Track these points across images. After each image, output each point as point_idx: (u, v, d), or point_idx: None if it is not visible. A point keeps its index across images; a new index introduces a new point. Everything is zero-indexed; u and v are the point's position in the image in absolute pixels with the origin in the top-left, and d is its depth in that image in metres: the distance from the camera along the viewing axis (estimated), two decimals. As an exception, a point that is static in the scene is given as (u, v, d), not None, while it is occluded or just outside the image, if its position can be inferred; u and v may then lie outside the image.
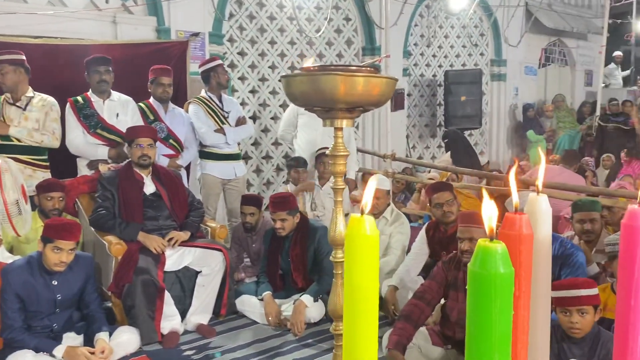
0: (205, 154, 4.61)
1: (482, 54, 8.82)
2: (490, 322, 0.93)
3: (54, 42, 4.53)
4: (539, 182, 1.17)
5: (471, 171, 5.31)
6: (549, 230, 1.20)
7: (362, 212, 1.26)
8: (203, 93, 4.60)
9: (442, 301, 2.88)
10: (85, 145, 3.95)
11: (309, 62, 1.63)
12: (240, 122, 4.67)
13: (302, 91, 1.58)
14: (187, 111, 4.55)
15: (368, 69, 1.56)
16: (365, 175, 5.74)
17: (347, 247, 1.24)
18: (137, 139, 3.52)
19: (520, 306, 1.08)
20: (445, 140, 7.13)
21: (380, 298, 3.57)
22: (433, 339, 2.78)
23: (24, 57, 3.80)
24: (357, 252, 1.20)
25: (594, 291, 2.24)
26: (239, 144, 4.82)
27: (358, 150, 5.96)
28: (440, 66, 8.33)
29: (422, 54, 8.08)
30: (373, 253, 1.23)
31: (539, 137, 8.62)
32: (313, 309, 3.42)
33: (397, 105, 6.98)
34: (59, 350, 2.79)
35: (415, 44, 7.94)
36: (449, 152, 6.93)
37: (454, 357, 2.74)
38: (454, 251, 2.85)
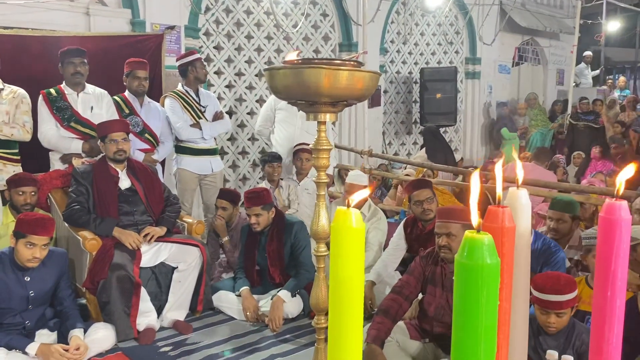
0: (181, 149, 4.55)
1: (457, 52, 8.92)
2: (477, 312, 0.93)
3: (25, 32, 4.41)
4: (519, 177, 1.19)
5: (447, 167, 5.37)
6: (529, 224, 1.22)
7: (348, 205, 1.26)
8: (180, 87, 4.54)
9: (420, 296, 2.91)
10: (58, 139, 3.86)
11: (292, 55, 1.62)
12: (217, 116, 4.62)
13: (285, 84, 1.57)
14: (163, 105, 4.48)
15: (352, 62, 1.56)
16: (342, 171, 5.76)
17: (333, 240, 1.24)
18: (110, 134, 3.45)
19: (502, 298, 1.10)
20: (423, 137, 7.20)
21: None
22: (411, 333, 2.80)
23: (-6, 48, 3.69)
24: (343, 244, 1.20)
25: (574, 294, 2.26)
26: (215, 139, 4.77)
27: (335, 146, 5.96)
28: (416, 63, 8.40)
29: (398, 51, 8.13)
30: (359, 246, 1.23)
31: (513, 134, 8.76)
32: (291, 304, 3.42)
33: (374, 102, 7.01)
34: (32, 348, 2.72)
35: (392, 41, 7.98)
36: (424, 149, 7.00)
37: (431, 350, 2.77)
38: (432, 247, 2.88)
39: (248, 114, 6.54)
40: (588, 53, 11.68)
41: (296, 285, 3.48)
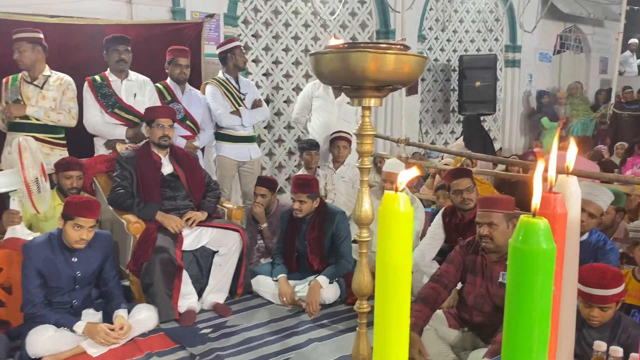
0: (221, 136, 4.62)
1: (496, 40, 8.73)
2: (532, 298, 0.92)
3: (69, 21, 4.53)
4: (570, 164, 1.17)
5: (486, 156, 5.28)
6: (579, 211, 1.20)
7: (397, 190, 1.26)
8: (220, 74, 4.59)
9: (459, 285, 2.89)
10: (102, 125, 3.96)
11: (334, 42, 1.62)
12: (256, 104, 4.67)
13: (331, 69, 1.57)
14: (203, 92, 4.55)
15: (398, 46, 1.55)
16: (378, 159, 5.73)
17: (381, 224, 1.24)
18: (157, 119, 3.52)
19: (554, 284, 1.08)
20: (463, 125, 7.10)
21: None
22: (450, 321, 2.79)
23: (41, 36, 3.79)
24: (390, 228, 1.20)
25: (620, 288, 2.19)
26: (253, 126, 4.82)
27: (371, 134, 5.94)
28: (454, 51, 8.26)
29: (436, 39, 8.01)
30: (407, 230, 1.23)
31: (554, 124, 8.55)
32: (328, 290, 3.44)
33: (411, 89, 6.93)
34: (79, 326, 2.82)
35: (430, 28, 7.87)
36: (461, 138, 6.90)
37: (470, 339, 2.75)
38: (472, 236, 2.85)
39: (285, 102, 6.57)
40: (634, 41, 11.25)
41: (335, 273, 3.50)
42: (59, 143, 3.88)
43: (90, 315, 3.01)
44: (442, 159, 6.20)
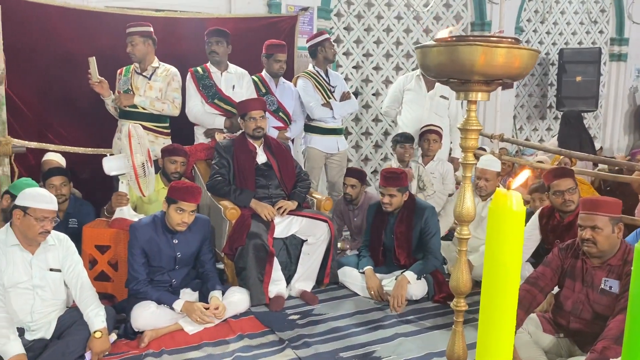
0: (311, 128, 4.70)
1: (601, 32, 8.19)
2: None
3: (173, 15, 4.77)
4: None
5: (587, 156, 4.99)
6: None
7: (509, 188, 1.23)
8: (311, 67, 4.67)
9: (556, 289, 2.76)
10: (203, 114, 4.15)
11: (443, 33, 1.59)
12: (345, 97, 4.71)
13: (438, 62, 1.55)
14: (295, 85, 4.64)
15: (510, 39, 1.50)
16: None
17: (490, 222, 1.22)
18: (250, 112, 3.65)
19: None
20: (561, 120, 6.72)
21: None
22: (544, 326, 2.68)
23: (152, 29, 4.03)
24: (501, 227, 1.18)
25: None
26: (341, 119, 4.86)
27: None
28: (554, 44, 7.85)
29: (535, 31, 7.65)
30: (518, 229, 1.20)
31: (662, 123, 7.92)
32: (415, 286, 3.42)
33: (506, 84, 6.67)
34: (177, 304, 2.99)
35: (529, 20, 7.53)
36: (556, 136, 6.55)
37: (566, 346, 2.63)
38: (572, 239, 2.71)
39: (373, 94, 6.55)
40: None
41: (423, 269, 3.47)
42: (163, 132, 4.12)
43: (188, 295, 3.19)
44: (536, 156, 5.94)
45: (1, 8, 3.26)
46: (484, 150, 5.68)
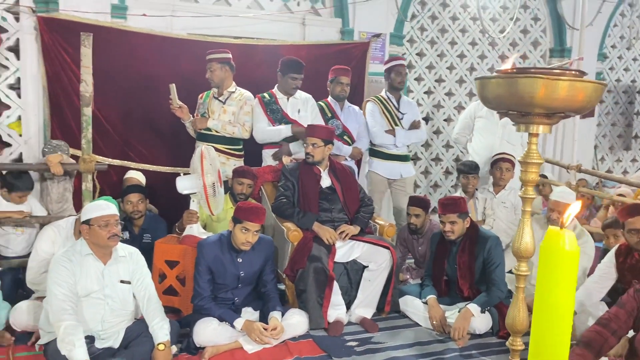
0: (373, 152, 4.74)
1: (694, 58, 7.67)
2: None
3: (250, 42, 4.97)
4: None
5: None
6: None
7: (562, 226, 1.18)
8: (383, 93, 4.71)
9: (631, 333, 2.58)
10: (269, 131, 4.21)
11: (508, 64, 1.57)
12: (414, 125, 4.69)
13: (497, 94, 1.53)
14: (364, 109, 4.68)
15: (573, 72, 1.46)
16: (541, 184, 5.34)
17: (542, 261, 1.18)
18: (306, 137, 3.74)
19: None
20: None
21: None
22: (617, 372, 2.51)
23: (230, 55, 4.22)
24: (553, 267, 1.14)
25: None
26: (408, 146, 4.82)
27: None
28: (641, 71, 7.43)
29: (620, 57, 7.28)
30: (571, 269, 1.16)
31: None
32: (479, 319, 3.30)
33: (587, 113, 6.38)
34: (238, 323, 3.06)
35: (613, 46, 7.19)
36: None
37: (641, 396, 2.44)
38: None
39: (445, 120, 6.47)
40: None
41: (487, 302, 3.35)
42: (235, 154, 4.27)
43: (249, 314, 3.26)
44: (619, 188, 5.59)
45: (93, 36, 3.53)
46: (545, 177, 5.44)
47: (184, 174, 3.69)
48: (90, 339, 2.67)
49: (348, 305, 3.57)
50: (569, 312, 1.07)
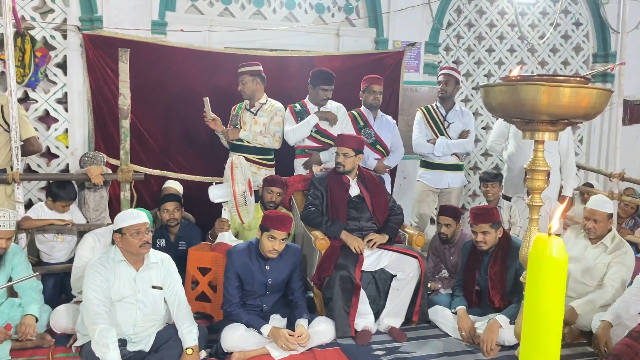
0: (421, 162, 4.76)
1: None
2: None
3: (285, 54, 5.07)
4: None
5: None
6: None
7: (550, 233, 1.18)
8: (435, 102, 4.74)
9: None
10: (297, 127, 4.24)
11: (515, 72, 1.57)
12: (461, 135, 4.65)
13: (500, 101, 1.53)
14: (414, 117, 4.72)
15: (577, 79, 1.44)
16: (584, 193, 5.18)
17: (530, 269, 1.18)
18: (338, 146, 3.78)
19: None
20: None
21: (591, 333, 3.21)
22: (649, 388, 2.42)
23: (260, 68, 4.32)
24: (540, 274, 1.13)
25: None
26: (458, 155, 4.72)
27: (578, 166, 5.42)
28: (694, 74, 7.09)
29: (668, 61, 6.98)
30: (559, 277, 1.14)
31: None
32: (508, 331, 3.23)
33: (633, 118, 6.16)
34: (265, 329, 3.12)
35: (661, 50, 6.90)
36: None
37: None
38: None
39: (483, 128, 6.37)
40: None
41: (516, 313, 3.26)
42: (266, 164, 4.35)
43: (277, 321, 3.30)
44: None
45: (130, 51, 3.69)
46: (591, 186, 5.26)
47: (216, 183, 3.79)
48: (122, 342, 2.78)
49: (377, 315, 3.57)
50: (558, 321, 1.07)
